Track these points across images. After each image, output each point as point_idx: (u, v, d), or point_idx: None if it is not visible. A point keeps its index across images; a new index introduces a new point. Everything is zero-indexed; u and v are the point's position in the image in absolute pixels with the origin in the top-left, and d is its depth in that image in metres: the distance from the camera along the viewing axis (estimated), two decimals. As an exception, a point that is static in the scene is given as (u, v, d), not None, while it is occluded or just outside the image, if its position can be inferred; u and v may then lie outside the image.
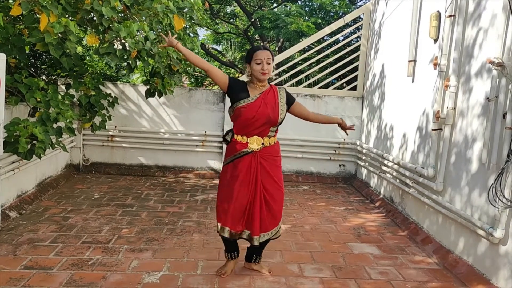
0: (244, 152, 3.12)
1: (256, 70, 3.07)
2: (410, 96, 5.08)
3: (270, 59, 3.08)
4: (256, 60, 3.07)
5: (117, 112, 6.52)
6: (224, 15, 13.47)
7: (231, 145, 3.21)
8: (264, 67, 3.05)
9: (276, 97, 3.16)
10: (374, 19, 6.72)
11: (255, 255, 3.43)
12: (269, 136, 3.17)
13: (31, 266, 3.33)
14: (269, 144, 3.18)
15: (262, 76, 3.07)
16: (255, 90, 3.15)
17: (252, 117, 3.06)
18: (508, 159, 3.10)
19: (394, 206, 5.33)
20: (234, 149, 3.17)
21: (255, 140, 3.13)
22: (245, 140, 3.13)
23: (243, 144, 3.13)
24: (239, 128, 3.15)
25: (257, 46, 3.22)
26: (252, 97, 3.10)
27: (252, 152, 3.12)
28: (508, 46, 3.25)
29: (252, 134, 3.12)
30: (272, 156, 3.20)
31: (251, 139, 3.13)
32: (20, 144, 3.71)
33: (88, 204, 5.06)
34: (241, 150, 3.13)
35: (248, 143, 3.13)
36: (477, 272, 3.47)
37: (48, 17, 3.39)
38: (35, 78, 4.21)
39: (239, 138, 3.15)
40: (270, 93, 3.16)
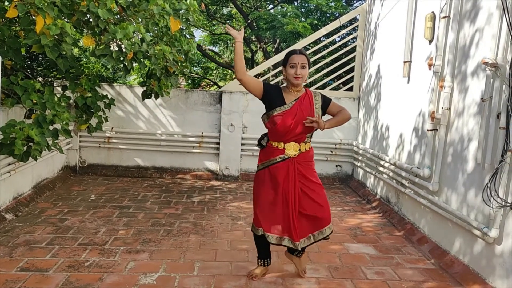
0: (281, 158, 3.10)
1: (289, 74, 3.03)
2: (406, 97, 5.10)
3: (305, 63, 3.02)
4: (291, 63, 3.03)
5: (113, 113, 6.52)
6: (221, 16, 13.49)
7: (266, 150, 3.18)
8: (298, 71, 3.00)
9: (311, 104, 3.12)
10: (370, 20, 6.74)
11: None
12: (305, 142, 3.16)
13: (27, 268, 3.33)
14: (305, 150, 3.16)
15: (295, 81, 3.03)
16: (290, 95, 3.10)
17: (289, 125, 3.03)
18: (503, 159, 3.12)
19: (391, 206, 5.34)
20: (270, 154, 3.14)
21: (292, 146, 3.10)
22: (282, 146, 3.10)
23: (280, 150, 3.11)
24: (275, 134, 3.11)
25: (294, 50, 3.13)
26: (288, 104, 3.05)
27: (289, 158, 3.10)
28: (502, 46, 3.27)
29: (289, 140, 3.09)
30: (307, 161, 3.18)
31: (288, 145, 3.10)
32: (16, 146, 3.71)
33: (85, 205, 5.06)
34: (278, 156, 3.11)
35: (285, 149, 3.10)
36: (473, 271, 3.49)
37: (44, 19, 3.39)
38: (31, 80, 4.20)
39: (275, 144, 3.12)
40: (306, 99, 3.11)
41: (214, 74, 16.47)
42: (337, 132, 7.04)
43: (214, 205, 5.44)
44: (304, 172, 3.14)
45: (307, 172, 3.15)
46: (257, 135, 6.83)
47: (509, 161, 3.10)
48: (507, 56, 3.21)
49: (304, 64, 3.02)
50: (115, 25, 4.00)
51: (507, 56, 3.21)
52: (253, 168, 7.05)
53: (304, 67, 3.03)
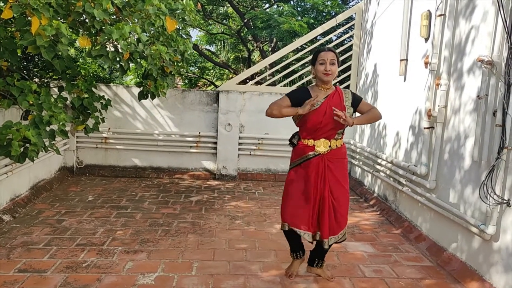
0: (311, 155, 3.13)
1: (319, 70, 3.05)
2: (402, 95, 5.11)
3: (334, 60, 3.03)
4: (320, 60, 3.04)
5: (110, 114, 6.51)
6: (217, 16, 13.47)
7: (297, 148, 3.22)
8: (327, 68, 3.01)
9: (342, 100, 3.13)
10: (366, 19, 6.75)
11: (317, 259, 3.40)
12: (336, 138, 3.16)
13: (25, 269, 3.33)
14: (336, 147, 3.16)
15: (325, 77, 3.04)
16: (320, 93, 3.11)
17: (319, 122, 3.06)
18: (499, 156, 3.13)
19: (388, 204, 5.36)
20: (301, 152, 3.18)
21: (322, 143, 3.13)
22: (312, 143, 3.14)
23: (310, 147, 3.14)
24: (306, 132, 3.15)
25: (322, 47, 3.15)
26: (317, 103, 3.07)
27: (320, 155, 3.13)
28: (497, 43, 3.29)
29: (319, 137, 3.13)
30: (339, 158, 3.19)
31: (318, 142, 3.13)
32: (12, 147, 3.70)
33: (82, 206, 5.05)
34: (308, 153, 3.14)
35: (315, 146, 3.13)
36: (470, 268, 3.50)
37: (39, 20, 3.38)
38: (28, 81, 4.19)
39: (306, 141, 3.16)
40: (336, 96, 3.12)
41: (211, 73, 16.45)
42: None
43: (212, 204, 5.44)
44: (335, 171, 3.15)
45: (337, 171, 3.16)
46: (254, 135, 6.88)
47: (506, 158, 3.11)
48: (503, 53, 3.22)
49: (334, 60, 3.03)
50: (111, 25, 3.99)
51: (502, 53, 3.23)
52: (250, 168, 7.05)
53: (334, 64, 3.04)
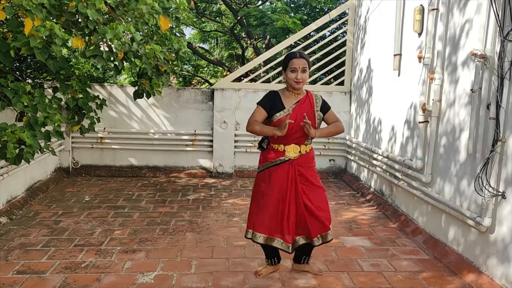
0: (281, 160, 3.11)
1: (290, 78, 3.01)
2: (397, 90, 5.14)
3: (306, 67, 3.01)
4: (291, 68, 3.00)
5: (105, 114, 6.49)
6: (210, 13, 13.43)
7: (266, 152, 3.18)
8: (298, 76, 2.99)
9: (312, 106, 3.13)
10: (360, 14, 6.77)
11: (304, 255, 3.40)
12: (306, 144, 3.16)
13: (24, 270, 3.32)
14: (306, 152, 3.17)
15: (296, 85, 3.02)
16: (290, 98, 3.10)
17: (290, 129, 3.01)
18: (493, 149, 3.16)
19: (384, 199, 5.39)
20: (270, 156, 3.14)
21: (292, 149, 3.11)
22: (282, 148, 3.11)
23: (280, 152, 3.11)
24: (276, 139, 3.10)
25: (293, 53, 3.07)
26: (287, 109, 3.05)
27: (289, 160, 3.11)
28: (490, 37, 3.31)
29: (290, 143, 3.10)
30: (308, 162, 3.19)
31: (288, 147, 3.10)
32: (8, 149, 3.68)
33: (79, 207, 5.05)
34: (278, 158, 3.12)
35: (285, 151, 3.10)
36: (466, 260, 3.54)
37: (32, 21, 3.37)
38: (21, 82, 4.17)
39: (276, 146, 3.12)
40: (306, 102, 3.12)
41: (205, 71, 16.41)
42: (329, 126, 7.06)
43: (209, 202, 5.45)
44: (305, 173, 3.15)
45: (308, 173, 3.16)
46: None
47: (500, 151, 3.15)
48: (495, 46, 3.24)
49: (305, 68, 3.01)
50: (105, 25, 3.98)
51: (495, 47, 3.25)
52: (247, 165, 7.06)
53: (305, 71, 3.01)
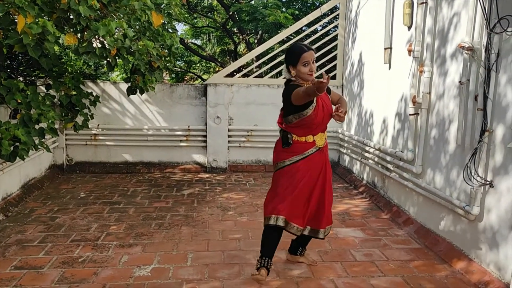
0: (313, 151, 3.12)
1: (303, 72, 3.00)
2: (388, 83, 5.21)
3: (315, 58, 3.06)
4: (304, 62, 2.99)
5: (99, 110, 6.50)
6: (202, 9, 13.42)
7: (294, 146, 3.12)
8: (312, 68, 3.01)
9: (326, 93, 3.20)
10: (350, 8, 6.82)
11: (300, 247, 3.46)
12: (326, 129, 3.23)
13: (21, 266, 3.36)
14: (326, 138, 3.25)
15: (310, 78, 3.01)
16: None
17: (321, 118, 3.07)
18: (481, 139, 3.24)
19: (377, 190, 5.47)
20: (302, 148, 3.11)
21: (320, 137, 3.15)
22: (312, 139, 3.11)
23: (311, 143, 3.11)
24: (306, 129, 3.09)
25: (300, 47, 3.04)
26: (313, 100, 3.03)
27: (320, 149, 3.15)
28: (477, 30, 3.38)
29: (317, 132, 3.13)
30: (327, 148, 3.28)
31: (317, 137, 3.13)
32: (3, 146, 3.70)
33: (75, 203, 5.08)
34: (310, 148, 3.11)
35: (315, 141, 3.12)
36: (456, 248, 3.62)
37: (25, 18, 3.38)
38: (15, 79, 4.19)
39: (304, 138, 3.11)
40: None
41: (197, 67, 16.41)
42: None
43: (204, 197, 5.50)
44: (327, 165, 3.22)
45: (328, 165, 3.23)
46: (243, 126, 6.94)
47: (487, 141, 3.22)
48: (482, 39, 3.31)
49: (314, 58, 3.06)
50: (97, 21, 4.00)
51: (482, 39, 3.32)
52: (240, 159, 7.11)
53: (314, 62, 3.06)
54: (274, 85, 6.96)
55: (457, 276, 3.33)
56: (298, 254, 3.51)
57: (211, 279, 3.22)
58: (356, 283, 3.20)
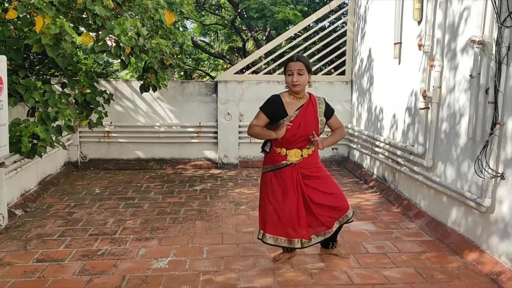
0: (283, 164, 3.19)
1: (288, 82, 3.08)
2: (398, 78, 5.24)
3: (302, 70, 3.04)
4: (288, 71, 3.06)
5: (112, 108, 6.60)
6: (210, 6, 13.49)
7: (270, 155, 3.25)
8: (294, 79, 3.02)
9: (315, 111, 3.18)
10: (359, 4, 6.85)
11: (330, 242, 3.51)
12: (308, 147, 3.22)
13: (43, 259, 3.47)
14: (308, 155, 3.23)
15: (293, 88, 3.07)
16: (293, 104, 3.15)
17: (293, 134, 3.10)
18: (492, 132, 3.28)
19: (387, 184, 5.52)
20: (274, 160, 3.22)
21: (294, 153, 3.18)
22: (284, 152, 3.18)
23: (283, 156, 3.18)
24: (280, 142, 3.16)
25: (291, 57, 3.17)
26: (290, 116, 3.10)
27: (292, 164, 3.18)
28: (488, 23, 3.41)
29: (292, 147, 3.17)
30: (311, 164, 3.26)
31: (290, 151, 3.17)
32: (22, 143, 3.81)
33: (91, 199, 5.19)
34: (281, 162, 3.19)
35: (287, 156, 3.18)
36: (468, 240, 3.67)
37: (43, 19, 3.48)
38: (32, 78, 4.29)
39: (279, 150, 3.18)
40: (310, 107, 3.16)
41: (205, 65, 16.49)
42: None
43: (216, 192, 5.58)
44: (308, 172, 3.23)
45: (311, 172, 3.24)
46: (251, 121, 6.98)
47: (499, 134, 3.26)
48: (493, 33, 3.35)
49: (301, 71, 3.03)
50: (111, 20, 4.08)
51: (492, 33, 3.36)
52: (251, 155, 7.18)
53: (302, 74, 3.04)
54: (282, 82, 7.01)
55: (469, 267, 3.38)
56: (330, 248, 3.56)
57: (227, 271, 3.30)
58: (369, 274, 3.27)
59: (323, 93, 7.05)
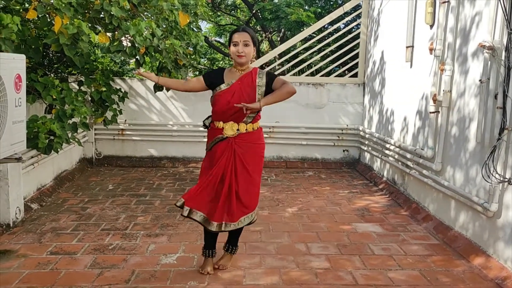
0: (219, 138, 3.10)
1: (232, 52, 3.01)
2: (409, 81, 5.25)
3: (248, 41, 2.96)
4: (233, 42, 2.98)
5: (126, 106, 6.73)
6: (225, 7, 13.59)
7: (210, 130, 3.20)
8: (240, 49, 2.95)
9: (253, 81, 3.06)
10: (373, 7, 6.86)
11: (230, 245, 3.37)
12: (245, 122, 3.10)
13: (57, 252, 3.59)
14: (246, 131, 3.10)
15: (238, 59, 3.00)
16: (234, 75, 3.10)
17: (226, 102, 3.02)
18: (500, 137, 3.29)
19: (397, 187, 5.53)
20: (212, 134, 3.16)
21: (230, 126, 3.07)
22: (221, 126, 3.10)
23: (219, 130, 3.10)
24: (215, 114, 3.13)
25: (237, 27, 3.11)
26: (227, 83, 3.06)
27: (227, 138, 3.09)
28: (498, 29, 3.42)
29: (228, 120, 3.07)
30: (249, 143, 3.13)
31: (226, 124, 3.08)
32: (39, 139, 3.94)
33: (104, 195, 5.32)
34: (217, 136, 3.12)
35: (223, 129, 3.09)
36: (475, 245, 3.68)
37: (61, 19, 3.60)
38: (50, 76, 4.43)
39: (217, 124, 3.12)
40: (247, 77, 3.07)
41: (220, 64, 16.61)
42: (343, 117, 7.21)
43: (227, 191, 5.65)
44: (243, 156, 3.09)
45: (246, 157, 3.10)
46: (266, 123, 7.06)
47: (506, 139, 3.27)
48: (503, 38, 3.36)
49: (247, 41, 2.96)
50: (126, 21, 4.19)
51: (503, 38, 3.36)
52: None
53: (247, 45, 2.97)
54: (296, 83, 7.06)
55: (474, 271, 3.40)
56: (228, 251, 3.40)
57: (234, 268, 3.37)
58: (374, 275, 3.31)
59: (335, 95, 7.13)
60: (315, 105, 7.09)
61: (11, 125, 3.00)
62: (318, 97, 7.07)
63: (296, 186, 5.94)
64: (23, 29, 3.93)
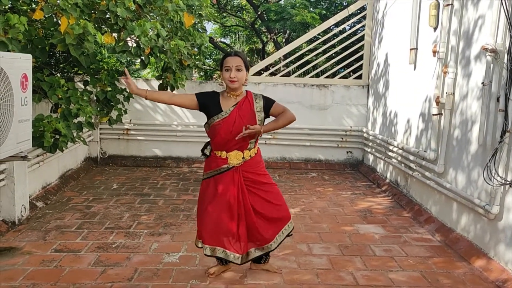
0: (224, 168, 3.01)
1: (225, 78, 2.92)
2: (413, 83, 5.27)
3: (240, 66, 2.89)
4: (225, 67, 2.91)
5: (131, 106, 6.77)
6: (231, 8, 13.64)
7: (210, 159, 3.09)
8: (232, 75, 2.87)
9: (252, 107, 3.00)
10: (378, 9, 6.87)
11: (264, 255, 3.26)
12: (249, 148, 3.05)
13: (61, 249, 3.64)
14: (250, 157, 3.06)
15: (231, 85, 2.91)
16: (229, 101, 3.00)
17: (228, 132, 2.93)
18: (502, 140, 3.30)
19: (399, 189, 5.54)
20: (215, 164, 3.04)
21: (235, 155, 3.00)
22: (225, 155, 3.00)
23: (223, 160, 3.00)
24: (217, 145, 3.02)
25: (229, 52, 3.05)
26: (225, 111, 2.95)
27: (234, 167, 3.02)
28: (501, 32, 3.43)
29: (232, 149, 2.99)
30: (254, 166, 3.08)
31: (230, 154, 3.00)
32: (45, 138, 3.99)
33: (108, 194, 5.37)
34: (221, 166, 3.01)
35: (228, 159, 3.00)
36: (476, 247, 3.69)
37: (67, 20, 3.65)
38: (56, 76, 4.48)
39: (219, 153, 3.02)
40: (245, 104, 3.00)
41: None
42: (347, 119, 7.22)
43: (230, 191, 5.68)
44: (253, 176, 3.06)
45: (255, 176, 3.08)
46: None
47: (508, 142, 3.28)
48: (506, 42, 3.36)
49: (240, 66, 2.89)
50: (132, 21, 4.24)
51: (505, 41, 3.37)
52: (266, 156, 7.23)
53: (240, 70, 2.89)
54: (300, 84, 7.09)
55: (475, 273, 3.41)
56: (262, 263, 3.34)
57: (235, 268, 3.39)
58: (374, 276, 3.32)
59: (339, 96, 7.15)
60: (319, 106, 7.11)
61: (17, 123, 3.04)
62: (322, 99, 7.09)
63: (299, 187, 5.96)
64: (29, 29, 3.98)
